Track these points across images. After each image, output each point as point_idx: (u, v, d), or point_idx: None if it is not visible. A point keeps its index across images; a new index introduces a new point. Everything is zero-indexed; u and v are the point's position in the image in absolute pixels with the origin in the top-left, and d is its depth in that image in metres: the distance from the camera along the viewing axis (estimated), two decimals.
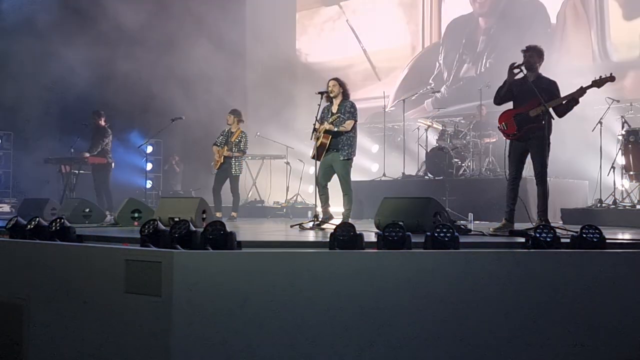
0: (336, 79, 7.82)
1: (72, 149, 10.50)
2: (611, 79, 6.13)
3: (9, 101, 12.33)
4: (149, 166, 14.08)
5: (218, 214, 9.26)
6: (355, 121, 7.61)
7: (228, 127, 9.63)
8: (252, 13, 13.76)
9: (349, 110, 7.59)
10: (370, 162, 12.95)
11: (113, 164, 10.50)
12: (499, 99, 6.40)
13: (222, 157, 9.40)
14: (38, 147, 12.38)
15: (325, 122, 7.58)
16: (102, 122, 10.50)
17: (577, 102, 6.19)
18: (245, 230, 6.95)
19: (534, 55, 6.26)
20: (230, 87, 13.53)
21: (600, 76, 6.15)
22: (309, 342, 3.57)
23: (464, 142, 10.54)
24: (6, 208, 12.13)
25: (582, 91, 6.15)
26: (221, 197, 9.46)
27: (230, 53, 13.41)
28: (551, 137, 6.13)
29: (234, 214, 9.47)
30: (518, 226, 6.16)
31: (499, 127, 6.58)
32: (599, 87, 6.17)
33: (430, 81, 12.47)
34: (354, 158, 7.74)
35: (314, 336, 3.58)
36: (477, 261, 3.82)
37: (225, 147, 9.42)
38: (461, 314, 3.71)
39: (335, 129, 7.46)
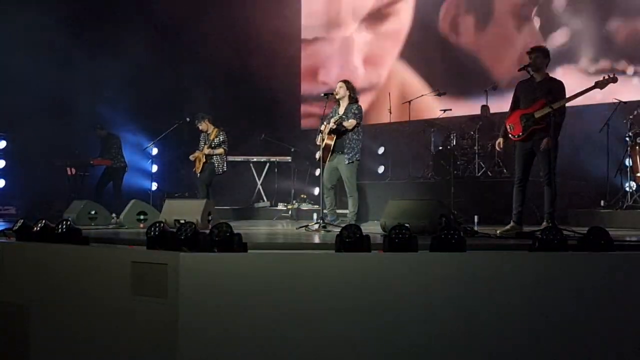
0: (344, 81, 7.83)
1: (77, 150, 10.55)
2: (613, 80, 6.11)
3: (15, 103, 12.36)
4: (154, 168, 14.09)
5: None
6: (358, 123, 7.61)
7: (203, 133, 9.70)
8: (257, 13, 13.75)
9: (354, 112, 7.60)
10: (376, 164, 12.93)
11: (127, 168, 10.58)
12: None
13: (204, 157, 9.47)
14: (44, 149, 12.40)
15: (331, 122, 7.61)
16: (104, 132, 10.61)
17: None
18: (251, 232, 6.95)
19: (539, 56, 6.25)
20: (236, 88, 13.53)
21: (604, 77, 6.14)
22: (315, 344, 3.56)
23: (470, 143, 10.52)
24: (12, 210, 12.16)
25: (585, 93, 6.14)
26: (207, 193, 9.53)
27: (237, 53, 13.41)
28: (558, 137, 6.13)
29: None
30: (528, 228, 6.13)
31: (506, 128, 6.57)
32: (601, 88, 6.16)
33: None
34: (360, 160, 7.75)
35: (321, 338, 3.57)
36: (484, 263, 3.80)
37: (206, 148, 9.49)
38: (467, 317, 3.69)
39: (335, 127, 7.48)
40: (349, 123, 7.52)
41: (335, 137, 7.57)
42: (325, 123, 7.66)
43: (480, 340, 3.68)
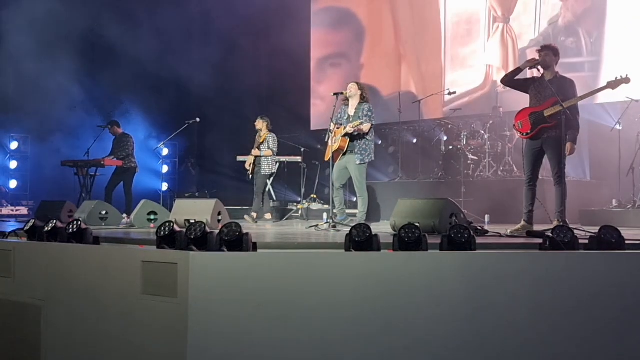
0: (357, 82, 7.91)
1: (88, 151, 10.60)
2: (626, 80, 6.07)
3: (26, 104, 12.45)
4: (165, 168, 14.15)
5: (267, 216, 9.47)
6: (372, 125, 7.63)
7: (257, 131, 9.82)
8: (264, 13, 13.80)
9: (366, 113, 7.59)
10: (386, 164, 12.92)
11: (138, 169, 10.62)
12: (505, 81, 6.44)
13: (253, 159, 9.60)
14: (55, 150, 12.48)
15: (344, 126, 7.60)
16: (120, 130, 10.64)
17: None
18: (261, 231, 6.96)
19: (549, 54, 6.23)
20: (246, 89, 13.56)
21: (616, 77, 6.10)
22: (325, 343, 3.56)
23: (481, 142, 10.49)
24: (24, 211, 12.24)
25: (597, 92, 6.12)
26: (262, 197, 9.62)
27: (245, 54, 13.44)
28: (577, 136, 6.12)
29: (253, 214, 9.47)
30: (538, 227, 6.10)
31: (514, 126, 6.55)
32: (613, 88, 6.13)
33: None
34: (370, 160, 7.75)
35: (331, 338, 3.56)
36: (494, 262, 3.79)
37: (255, 150, 9.65)
38: (477, 316, 3.68)
39: (352, 131, 7.49)
40: (366, 127, 7.52)
41: (348, 140, 7.59)
42: (334, 123, 7.66)
43: (490, 339, 3.67)
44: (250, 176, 9.74)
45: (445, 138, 11.35)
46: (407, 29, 13.05)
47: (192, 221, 3.99)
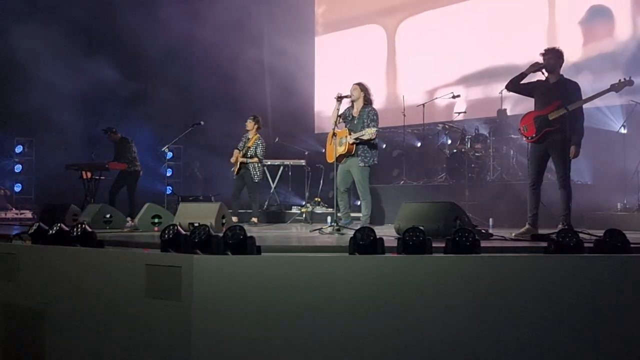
0: (358, 84, 7.83)
1: (92, 154, 10.63)
2: (629, 83, 6.06)
3: (30, 108, 12.48)
4: (169, 172, 14.17)
5: (234, 219, 9.36)
6: (377, 130, 7.62)
7: (247, 132, 9.73)
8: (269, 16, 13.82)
9: (372, 118, 7.57)
10: (390, 167, 12.91)
11: (141, 172, 10.62)
12: (510, 86, 6.41)
13: (239, 163, 9.49)
14: (59, 154, 12.51)
15: (348, 126, 7.61)
16: (119, 135, 10.65)
17: None
18: (265, 235, 6.96)
19: (553, 57, 6.22)
20: (250, 92, 13.57)
21: (619, 80, 6.09)
22: (329, 347, 3.55)
23: (485, 145, 10.48)
24: (28, 214, 12.27)
25: (601, 95, 6.10)
26: (240, 201, 9.54)
27: (250, 57, 13.46)
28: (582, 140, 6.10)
29: (254, 219, 9.48)
30: (543, 231, 6.08)
31: (519, 130, 6.54)
32: (617, 91, 6.11)
33: None
34: (373, 163, 7.74)
35: (335, 341, 3.56)
36: (499, 266, 3.77)
37: (241, 153, 9.52)
38: (482, 319, 3.67)
39: (358, 142, 7.49)
40: (369, 135, 7.48)
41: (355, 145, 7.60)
42: (338, 121, 7.64)
43: (495, 342, 3.65)
44: (235, 176, 9.66)
45: (449, 141, 11.34)
46: (411, 31, 13.05)
47: (196, 224, 4.00)
